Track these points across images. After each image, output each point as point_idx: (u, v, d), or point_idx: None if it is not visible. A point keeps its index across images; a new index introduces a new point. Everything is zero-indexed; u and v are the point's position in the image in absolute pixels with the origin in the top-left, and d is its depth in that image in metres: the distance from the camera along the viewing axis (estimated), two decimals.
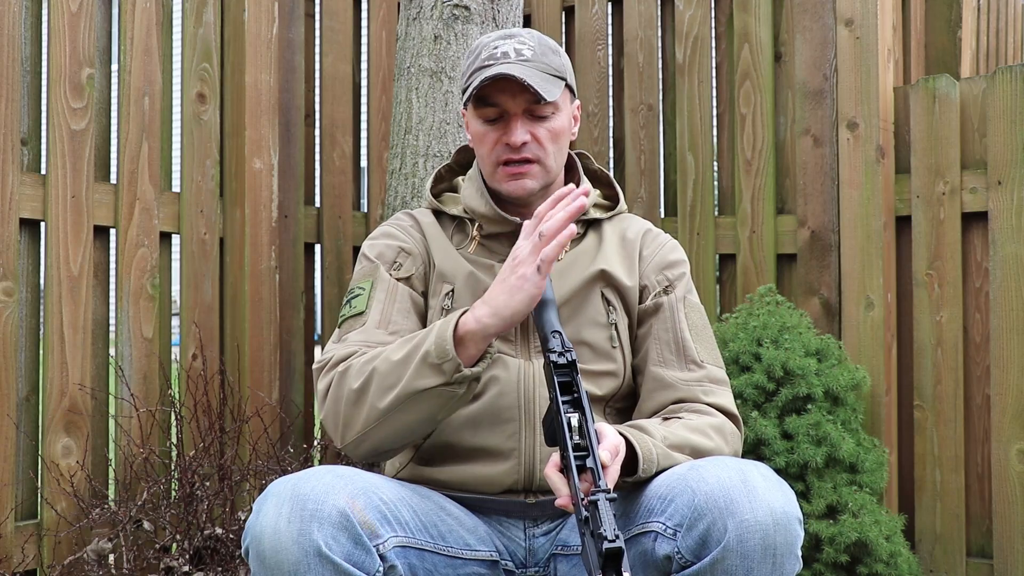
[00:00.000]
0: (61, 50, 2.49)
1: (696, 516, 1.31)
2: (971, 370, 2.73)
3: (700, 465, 1.37)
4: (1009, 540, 2.61)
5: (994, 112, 2.68)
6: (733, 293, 3.07)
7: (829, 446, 2.42)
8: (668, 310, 1.65)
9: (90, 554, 2.39)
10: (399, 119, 2.55)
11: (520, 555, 1.56)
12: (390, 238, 1.69)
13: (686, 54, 3.17)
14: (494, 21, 2.52)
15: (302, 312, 3.07)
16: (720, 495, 1.30)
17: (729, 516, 1.29)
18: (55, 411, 2.45)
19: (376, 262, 1.66)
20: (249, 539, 1.31)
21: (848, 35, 2.87)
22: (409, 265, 1.66)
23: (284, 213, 3.00)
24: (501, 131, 1.61)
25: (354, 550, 1.29)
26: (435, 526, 1.46)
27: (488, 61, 1.59)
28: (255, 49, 2.89)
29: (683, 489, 1.34)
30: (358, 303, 1.62)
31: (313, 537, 1.26)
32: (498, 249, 1.66)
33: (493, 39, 1.62)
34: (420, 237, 1.69)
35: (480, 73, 1.58)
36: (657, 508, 1.38)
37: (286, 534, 1.27)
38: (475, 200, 1.68)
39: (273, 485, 1.34)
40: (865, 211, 2.82)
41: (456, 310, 1.51)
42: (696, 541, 1.32)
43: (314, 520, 1.27)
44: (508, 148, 1.61)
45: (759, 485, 1.31)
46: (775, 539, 1.29)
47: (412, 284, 1.65)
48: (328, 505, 1.28)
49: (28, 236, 2.48)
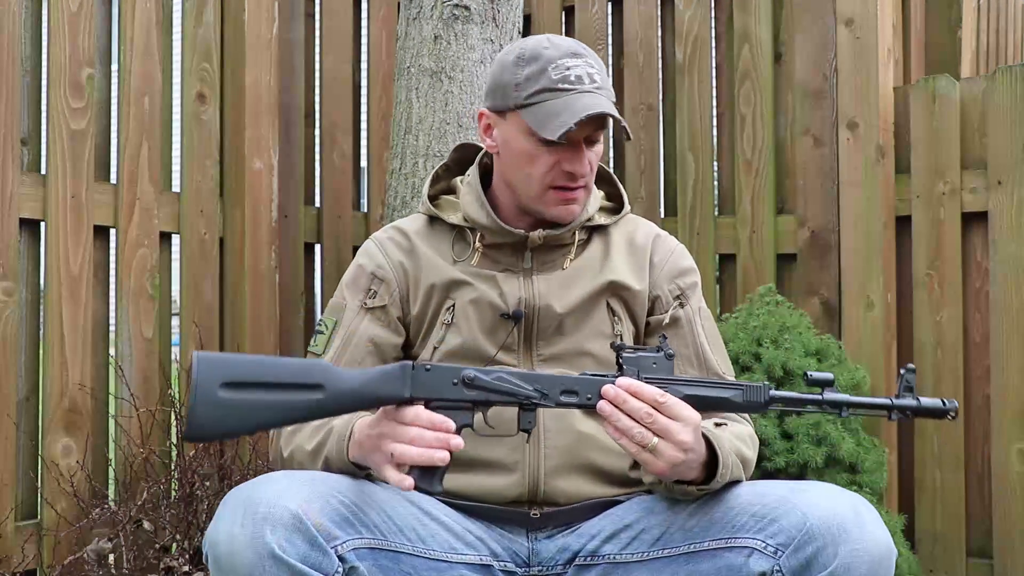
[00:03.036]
0: (61, 50, 2.49)
1: (806, 539, 1.34)
2: (971, 370, 2.73)
3: (806, 489, 1.40)
4: (1009, 540, 2.61)
5: (994, 112, 2.68)
6: (733, 293, 3.07)
7: (829, 446, 2.42)
8: (686, 324, 1.64)
9: (90, 554, 2.39)
10: (399, 119, 2.55)
11: (523, 555, 1.55)
12: (369, 259, 1.65)
13: (686, 54, 3.17)
14: (494, 21, 2.52)
15: (302, 312, 3.07)
16: (834, 522, 1.33)
17: (842, 543, 1.32)
18: (55, 411, 2.45)
19: (345, 299, 1.64)
20: (207, 545, 1.32)
21: (848, 35, 2.87)
22: (383, 293, 1.62)
23: (284, 213, 3.00)
24: (559, 155, 1.54)
25: (310, 551, 1.29)
26: (414, 530, 1.45)
27: (563, 84, 1.51)
28: (255, 49, 2.89)
29: (790, 510, 1.36)
30: (319, 342, 1.62)
31: (266, 539, 1.26)
32: (500, 259, 1.62)
33: (561, 55, 1.53)
34: (403, 258, 1.64)
35: (560, 98, 1.51)
36: (752, 525, 1.39)
37: (240, 538, 1.27)
38: (475, 210, 1.62)
39: (230, 492, 1.35)
40: (865, 211, 2.82)
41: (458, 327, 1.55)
42: (800, 563, 1.34)
43: (266, 523, 1.27)
44: (567, 175, 1.56)
45: (868, 518, 1.35)
46: (878, 571, 1.33)
47: (387, 312, 1.62)
48: (280, 508, 1.29)
49: (28, 236, 2.48)
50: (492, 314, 1.58)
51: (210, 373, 1.29)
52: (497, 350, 1.57)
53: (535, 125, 1.51)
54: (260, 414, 1.31)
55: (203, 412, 1.28)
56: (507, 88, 1.55)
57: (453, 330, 1.58)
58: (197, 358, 1.30)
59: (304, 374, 1.33)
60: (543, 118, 1.51)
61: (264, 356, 1.36)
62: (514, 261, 1.62)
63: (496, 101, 1.58)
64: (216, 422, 1.29)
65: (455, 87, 2.48)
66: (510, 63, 1.56)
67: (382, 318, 1.62)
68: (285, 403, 1.32)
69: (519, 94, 1.53)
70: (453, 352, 1.58)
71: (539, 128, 1.50)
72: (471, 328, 1.58)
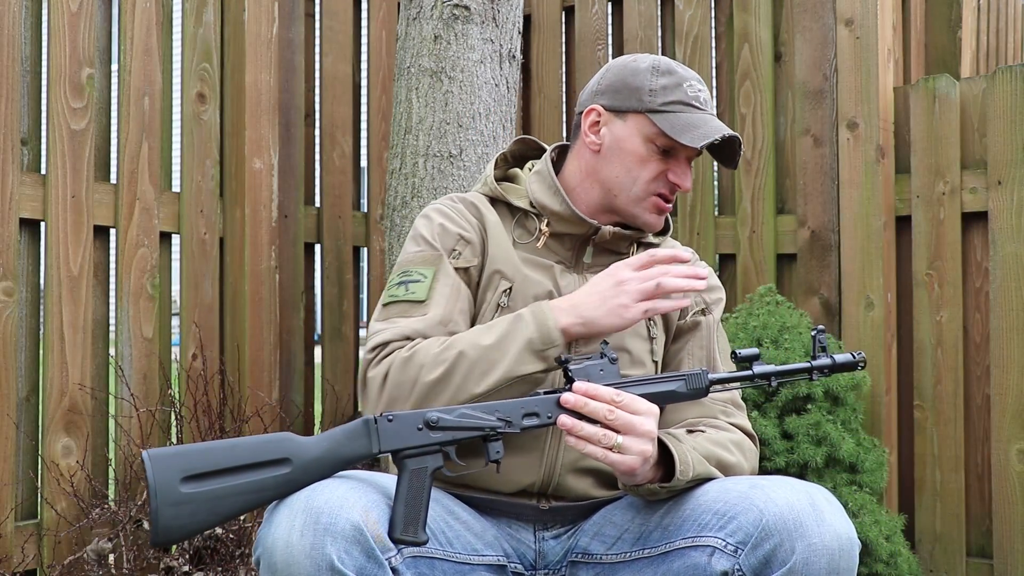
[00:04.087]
0: (61, 50, 2.49)
1: (763, 536, 1.33)
2: (971, 370, 2.73)
3: (764, 485, 1.39)
4: (1009, 540, 2.61)
5: (994, 112, 2.68)
6: (733, 293, 3.07)
7: (829, 446, 2.42)
8: (705, 329, 1.68)
9: (90, 554, 2.39)
10: (399, 119, 2.55)
11: (530, 557, 1.56)
12: (449, 221, 1.63)
13: (686, 54, 3.17)
14: (494, 21, 2.52)
15: (302, 312, 3.07)
16: (790, 517, 1.33)
17: (799, 538, 1.31)
18: (55, 411, 2.45)
19: (439, 249, 1.60)
20: (260, 550, 1.30)
21: (848, 35, 2.87)
22: (468, 255, 1.61)
23: (284, 213, 3.00)
24: (666, 166, 1.62)
25: (367, 564, 1.29)
26: (443, 533, 1.45)
27: (697, 103, 1.60)
28: (255, 49, 2.89)
29: (748, 507, 1.36)
30: (418, 289, 1.56)
31: (326, 551, 1.26)
32: (559, 250, 1.64)
33: (691, 78, 1.62)
34: (479, 225, 1.64)
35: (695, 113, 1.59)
36: (714, 523, 1.39)
37: (298, 547, 1.26)
38: (547, 197, 1.63)
39: (287, 498, 1.32)
40: (865, 211, 2.82)
41: (512, 310, 1.54)
42: (759, 560, 1.34)
43: (327, 534, 1.26)
44: (670, 185, 1.63)
45: (826, 509, 1.34)
46: (839, 564, 1.32)
47: (469, 276, 1.60)
48: (342, 519, 1.27)
49: (28, 236, 2.48)
50: None
51: (167, 470, 1.24)
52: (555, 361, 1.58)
53: (671, 131, 1.57)
54: (230, 502, 1.27)
55: (169, 513, 1.23)
56: (639, 91, 1.60)
57: (506, 313, 1.57)
58: (149, 457, 1.25)
59: (265, 451, 1.29)
60: (680, 127, 1.57)
61: (216, 441, 1.30)
62: (571, 256, 1.64)
63: (619, 101, 1.62)
64: (185, 520, 1.25)
65: (455, 87, 2.48)
66: (643, 69, 1.62)
67: (466, 279, 1.61)
68: (253, 485, 1.28)
69: (653, 99, 1.59)
70: None
71: (677, 134, 1.57)
72: None
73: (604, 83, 1.65)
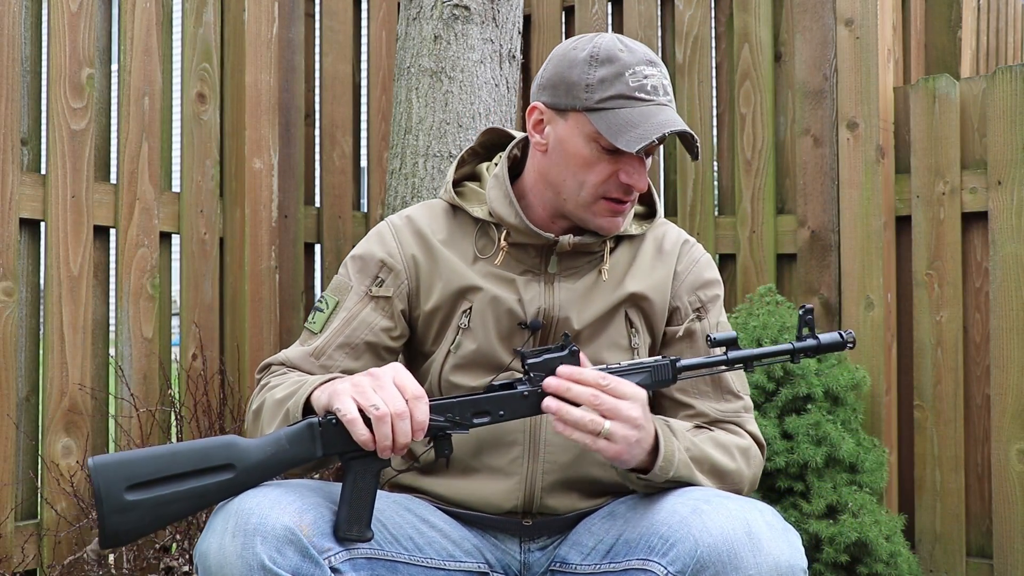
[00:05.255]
0: (61, 50, 2.49)
1: (699, 567, 1.28)
2: (971, 370, 2.73)
3: (704, 510, 1.32)
4: (1009, 540, 2.61)
5: (994, 112, 2.68)
6: (733, 293, 3.07)
7: (829, 446, 2.42)
8: (700, 337, 1.58)
9: (90, 554, 2.39)
10: (399, 119, 2.55)
11: (515, 568, 1.55)
12: (380, 246, 1.58)
13: (686, 54, 3.17)
14: (494, 21, 2.52)
15: (302, 312, 3.07)
16: (724, 548, 1.27)
17: (732, 571, 1.26)
18: (55, 411, 2.45)
19: (351, 280, 1.57)
20: (198, 557, 1.31)
21: (848, 35, 2.87)
22: (390, 283, 1.56)
23: (284, 213, 3.00)
24: (616, 166, 1.47)
25: (302, 563, 1.28)
26: (411, 539, 1.44)
27: (640, 94, 1.43)
28: (255, 49, 2.89)
29: (685, 535, 1.31)
30: (318, 320, 1.57)
31: (256, 551, 1.25)
32: (524, 259, 1.55)
33: (638, 62, 1.45)
34: (417, 251, 1.57)
35: (636, 107, 1.43)
36: (659, 548, 1.35)
37: (230, 549, 1.26)
38: (503, 207, 1.53)
39: (221, 504, 1.33)
40: (865, 211, 2.82)
41: (472, 331, 1.52)
42: None
43: (257, 534, 1.26)
44: (623, 187, 1.48)
45: (764, 536, 1.28)
46: None
47: (391, 305, 1.56)
48: (272, 519, 1.27)
49: (28, 236, 2.48)
50: (509, 321, 1.54)
51: (112, 479, 1.26)
52: (512, 359, 1.54)
53: (607, 132, 1.43)
54: (175, 507, 1.29)
55: (116, 520, 1.26)
56: (575, 87, 1.46)
57: (468, 334, 1.54)
58: (93, 465, 1.27)
59: (207, 457, 1.31)
60: (617, 127, 1.42)
61: (161, 447, 1.32)
62: (538, 263, 1.56)
63: (558, 98, 1.48)
64: (132, 525, 1.27)
65: (455, 87, 2.48)
66: (581, 60, 1.46)
67: (385, 309, 1.56)
68: (196, 491, 1.30)
69: (590, 96, 1.44)
70: (467, 357, 1.54)
71: (613, 137, 1.42)
72: (487, 334, 1.53)
73: (545, 77, 1.52)
